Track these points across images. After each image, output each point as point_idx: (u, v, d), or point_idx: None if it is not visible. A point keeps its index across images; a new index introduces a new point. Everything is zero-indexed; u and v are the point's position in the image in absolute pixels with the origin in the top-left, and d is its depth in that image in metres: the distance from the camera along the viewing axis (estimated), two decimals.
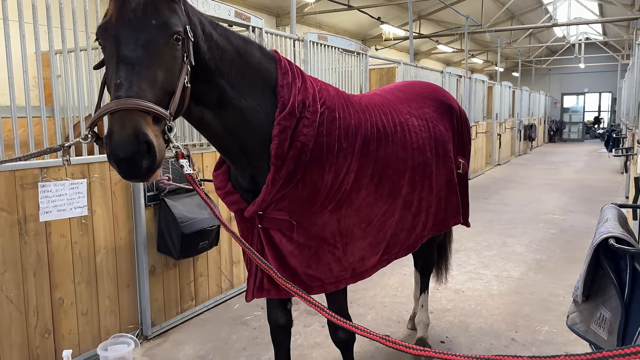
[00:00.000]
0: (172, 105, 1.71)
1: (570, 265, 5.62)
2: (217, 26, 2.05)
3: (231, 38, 2.08)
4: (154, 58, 1.67)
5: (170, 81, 1.73)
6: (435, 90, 3.28)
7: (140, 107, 1.57)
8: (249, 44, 2.17)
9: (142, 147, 1.55)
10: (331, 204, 2.29)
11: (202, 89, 1.96)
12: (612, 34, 25.58)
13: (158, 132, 1.64)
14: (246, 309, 4.51)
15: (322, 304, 1.40)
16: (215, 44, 1.98)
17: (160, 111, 1.63)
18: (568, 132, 31.25)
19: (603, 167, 15.26)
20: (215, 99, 2.03)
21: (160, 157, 1.62)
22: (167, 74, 1.71)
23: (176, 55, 1.75)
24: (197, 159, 4.37)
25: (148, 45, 1.67)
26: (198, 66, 1.89)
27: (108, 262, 3.68)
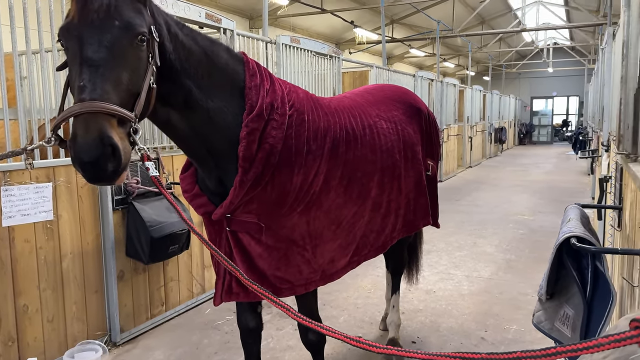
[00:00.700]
0: (137, 107, 1.69)
1: (538, 265, 5.74)
2: (183, 27, 2.04)
3: (198, 39, 2.06)
4: (118, 59, 1.65)
5: (135, 82, 1.71)
6: (404, 94, 3.32)
7: (105, 110, 1.55)
8: (216, 45, 2.16)
9: (106, 150, 1.53)
10: (300, 206, 2.29)
11: (168, 89, 1.94)
12: (578, 39, 26.31)
13: (123, 134, 1.62)
14: (218, 314, 4.46)
15: (290, 307, 1.39)
16: (182, 45, 1.97)
17: (125, 113, 1.61)
18: (537, 134, 31.98)
19: (571, 168, 15.66)
20: (182, 100, 2.01)
21: (126, 160, 1.61)
22: (131, 75, 1.69)
23: (141, 56, 1.73)
24: (167, 161, 4.31)
25: (112, 47, 1.64)
26: (164, 67, 1.88)
27: (75, 267, 3.59)
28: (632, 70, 2.52)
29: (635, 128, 2.43)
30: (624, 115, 2.59)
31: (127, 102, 1.66)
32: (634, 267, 2.06)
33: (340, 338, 1.21)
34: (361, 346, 1.17)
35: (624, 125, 2.61)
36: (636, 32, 2.50)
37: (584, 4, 18.19)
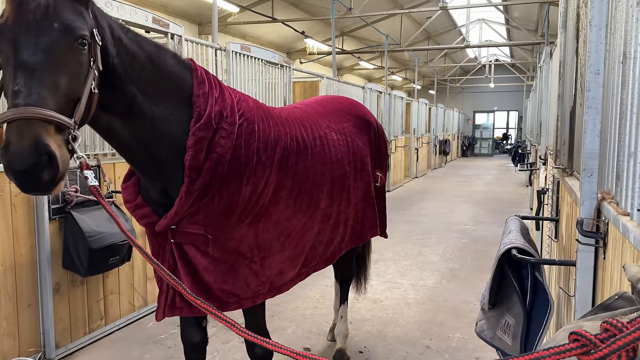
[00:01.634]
0: (77, 113, 1.62)
1: (480, 274, 5.92)
2: (127, 31, 1.97)
3: (143, 44, 2.00)
4: (56, 63, 1.58)
5: (75, 87, 1.64)
6: (354, 106, 3.35)
7: (40, 116, 1.47)
8: (162, 51, 2.09)
9: (42, 158, 1.46)
10: (249, 217, 2.25)
11: (110, 95, 1.86)
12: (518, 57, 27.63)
13: (61, 141, 1.55)
14: (161, 328, 4.31)
15: (235, 322, 1.35)
16: (125, 49, 1.90)
17: (63, 120, 1.54)
18: (479, 147, 33.23)
19: (510, 180, 16.34)
20: (125, 106, 1.94)
21: (64, 169, 1.53)
22: (71, 79, 1.62)
23: (81, 60, 1.66)
24: (109, 169, 4.15)
25: (49, 50, 1.57)
26: (106, 71, 1.80)
27: (7, 280, 3.38)
28: (568, 88, 2.65)
29: (570, 144, 2.55)
30: (560, 131, 2.72)
31: (65, 108, 1.59)
32: (570, 277, 2.16)
33: (286, 353, 1.19)
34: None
35: (560, 140, 2.73)
36: (572, 53, 2.63)
37: (523, 24, 19.14)
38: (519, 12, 19.60)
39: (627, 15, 1.42)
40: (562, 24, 2.76)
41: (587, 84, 1.75)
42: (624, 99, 1.41)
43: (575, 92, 2.51)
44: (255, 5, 14.99)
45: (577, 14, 2.57)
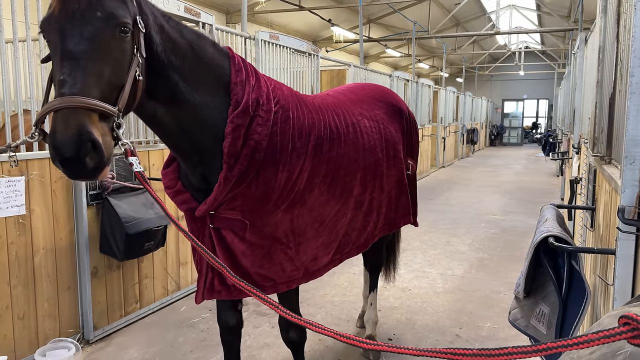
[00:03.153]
0: (121, 100, 1.66)
1: (510, 264, 5.86)
2: (169, 19, 2.00)
3: (184, 32, 2.03)
4: (100, 51, 1.61)
5: (119, 75, 1.67)
6: (385, 93, 3.34)
7: (84, 105, 1.52)
8: (201, 39, 2.12)
9: (86, 146, 1.50)
10: (284, 204, 2.28)
11: (155, 82, 1.90)
12: (549, 44, 26.92)
13: (106, 129, 1.59)
14: (193, 311, 4.42)
15: (277, 304, 1.39)
16: (168, 37, 1.93)
17: (106, 108, 1.58)
18: (508, 136, 32.63)
19: (540, 170, 16.04)
20: (168, 93, 1.98)
21: (108, 156, 1.58)
22: (114, 67, 1.66)
23: (124, 48, 1.69)
24: (143, 156, 4.24)
25: (93, 39, 1.60)
26: (150, 58, 1.85)
27: (47, 263, 3.50)
28: (608, 75, 2.59)
29: (609, 131, 2.50)
30: (598, 119, 2.67)
31: (109, 95, 1.63)
32: (609, 266, 2.13)
33: (331, 335, 1.21)
34: (354, 343, 1.17)
35: (598, 128, 2.68)
36: (611, 38, 2.57)
37: (555, 10, 18.63)
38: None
39: None
40: (602, 9, 2.69)
41: (631, 69, 1.71)
42: None
43: (615, 78, 2.45)
44: None
45: None
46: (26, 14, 3.32)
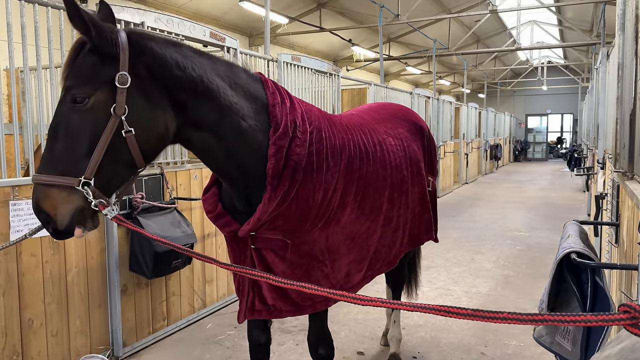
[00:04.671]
0: (88, 169, 1.76)
1: (536, 281, 5.79)
2: (201, 54, 2.08)
3: (217, 64, 2.11)
4: (61, 126, 1.80)
5: (82, 144, 1.78)
6: (406, 112, 3.41)
7: (39, 182, 1.76)
8: (234, 67, 2.20)
9: (41, 217, 1.77)
10: (321, 222, 2.32)
11: (197, 116, 2.00)
12: (572, 58, 26.69)
13: (64, 198, 1.76)
14: (219, 329, 4.48)
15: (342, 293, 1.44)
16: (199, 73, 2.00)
17: (60, 182, 1.75)
18: (532, 151, 32.24)
19: (566, 185, 15.79)
20: (215, 123, 2.06)
21: (63, 223, 1.78)
22: (77, 138, 1.78)
23: (83, 118, 1.78)
24: (171, 177, 4.37)
25: (57, 114, 1.82)
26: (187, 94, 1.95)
27: (79, 281, 3.62)
28: (628, 91, 2.61)
29: (631, 147, 2.51)
30: (620, 135, 2.68)
31: (74, 166, 1.77)
32: (632, 282, 2.12)
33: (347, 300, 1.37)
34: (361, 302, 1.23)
35: (620, 144, 2.69)
36: (631, 55, 2.59)
37: (577, 24, 18.52)
38: (572, 13, 18.98)
39: None
40: (620, 26, 2.72)
41: None
42: None
43: (635, 94, 2.47)
44: (304, 16, 15.26)
45: (636, 15, 2.53)
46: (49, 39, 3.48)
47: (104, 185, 1.83)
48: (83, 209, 1.79)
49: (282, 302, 2.31)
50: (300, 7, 15.11)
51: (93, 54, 1.80)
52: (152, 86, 1.89)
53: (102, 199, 1.80)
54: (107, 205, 1.81)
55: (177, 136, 2.04)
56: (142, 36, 1.94)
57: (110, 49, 1.80)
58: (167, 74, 1.92)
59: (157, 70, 1.90)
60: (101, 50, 1.80)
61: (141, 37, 1.93)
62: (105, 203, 1.81)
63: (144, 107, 1.87)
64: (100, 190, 1.80)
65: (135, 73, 1.85)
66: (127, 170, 1.92)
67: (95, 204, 1.78)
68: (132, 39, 1.87)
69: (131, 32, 1.91)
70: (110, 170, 1.82)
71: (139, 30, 2.05)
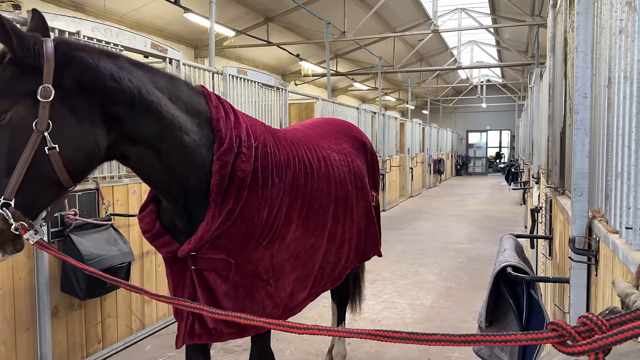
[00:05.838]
0: (9, 188, 1.66)
1: (477, 292, 5.94)
2: (140, 65, 1.99)
3: (156, 77, 2.02)
4: None
5: (2, 162, 1.68)
6: (350, 128, 3.43)
7: None
8: (175, 80, 2.12)
9: None
10: (266, 240, 2.26)
11: (136, 130, 1.91)
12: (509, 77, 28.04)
13: None
14: (159, 350, 4.30)
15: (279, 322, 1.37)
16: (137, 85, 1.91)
17: None
18: (473, 166, 33.49)
19: (504, 198, 16.43)
20: (155, 138, 1.96)
21: None
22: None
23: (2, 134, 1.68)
24: (107, 192, 4.18)
25: None
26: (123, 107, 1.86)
27: (5, 304, 3.37)
28: (558, 110, 2.74)
29: (562, 164, 2.62)
30: (551, 152, 2.79)
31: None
32: (565, 294, 2.20)
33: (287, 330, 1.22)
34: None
35: (552, 160, 2.80)
36: (560, 76, 2.72)
37: (513, 45, 19.50)
38: (509, 34, 19.97)
39: (610, 42, 1.50)
40: (550, 49, 2.86)
41: (576, 106, 1.82)
42: (610, 122, 1.48)
43: (564, 113, 2.58)
44: (251, 30, 15.23)
45: (564, 38, 2.66)
46: None
47: (28, 206, 1.70)
48: (2, 232, 1.66)
49: (223, 325, 2.22)
50: (247, 21, 15.07)
51: (13, 65, 1.68)
52: (81, 99, 1.78)
53: (24, 221, 1.66)
54: (29, 229, 1.68)
55: (111, 152, 1.94)
56: (71, 46, 1.83)
57: (32, 60, 1.69)
58: (99, 86, 1.82)
59: (87, 82, 1.79)
60: (23, 61, 1.68)
61: (70, 47, 1.81)
62: (27, 226, 1.67)
63: (70, 122, 1.75)
64: (24, 211, 1.68)
65: (61, 85, 1.73)
66: (53, 189, 1.79)
67: (16, 227, 1.65)
68: (60, 49, 1.76)
69: (60, 42, 1.79)
70: (33, 190, 1.70)
71: (69, 40, 1.94)
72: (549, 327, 0.88)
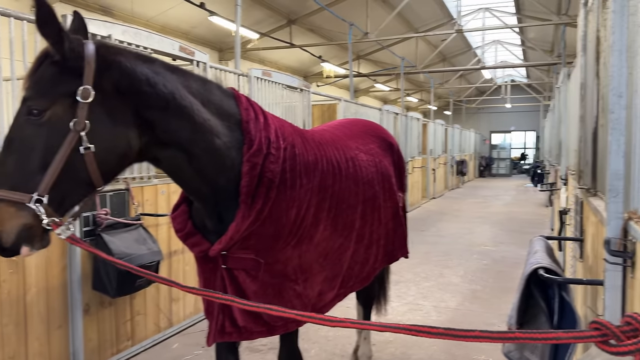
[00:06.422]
0: (42, 185, 1.68)
1: (502, 295, 5.88)
2: (174, 69, 2.03)
3: (190, 80, 2.05)
4: (13, 138, 1.71)
5: (34, 159, 1.69)
6: (377, 128, 3.43)
7: None
8: (208, 83, 2.16)
9: None
10: (294, 240, 2.28)
11: (169, 133, 1.95)
12: (534, 77, 27.61)
13: (11, 214, 1.66)
14: (186, 349, 4.36)
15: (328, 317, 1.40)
16: (170, 89, 1.95)
17: (10, 197, 1.65)
18: (497, 167, 33.03)
19: (529, 200, 16.19)
20: (187, 140, 2.00)
21: (10, 240, 1.67)
22: (29, 152, 1.69)
23: (38, 132, 1.70)
24: (137, 192, 4.26)
25: (12, 125, 1.72)
26: (156, 112, 1.90)
27: (39, 301, 3.47)
28: (590, 110, 2.70)
29: (594, 164, 2.58)
30: (583, 152, 2.75)
31: (25, 181, 1.67)
32: (598, 297, 2.17)
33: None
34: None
35: (583, 161, 2.76)
36: (592, 75, 2.68)
37: (539, 45, 19.20)
38: (534, 33, 19.69)
39: None
40: (581, 47, 2.82)
41: (611, 106, 1.80)
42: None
43: (597, 113, 2.55)
44: (274, 32, 15.34)
45: (596, 37, 2.63)
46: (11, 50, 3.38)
47: (59, 203, 1.74)
48: (31, 227, 1.68)
49: (253, 324, 2.25)
50: (270, 23, 15.19)
51: (56, 65, 1.73)
52: (117, 102, 1.83)
53: (55, 217, 1.70)
54: (60, 224, 1.71)
55: (143, 155, 1.98)
56: (110, 50, 1.87)
57: (75, 62, 1.74)
58: (135, 91, 1.86)
59: (124, 86, 1.84)
60: (66, 62, 1.73)
61: (109, 50, 1.86)
62: (58, 222, 1.71)
63: (106, 123, 1.80)
64: (55, 207, 1.72)
65: (100, 88, 1.78)
66: (84, 188, 1.83)
67: (48, 222, 1.68)
68: (100, 52, 1.80)
69: (100, 45, 1.84)
70: (65, 188, 1.74)
71: (108, 43, 1.98)
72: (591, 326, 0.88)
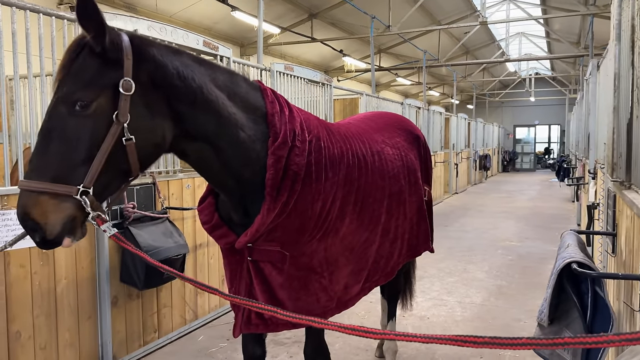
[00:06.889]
0: (88, 176, 1.68)
1: (529, 291, 5.79)
2: (201, 62, 2.03)
3: (217, 73, 2.06)
4: (56, 130, 1.68)
5: (81, 151, 1.69)
6: (403, 121, 3.40)
7: (28, 188, 1.64)
8: (234, 76, 2.16)
9: (27, 224, 1.65)
10: (319, 233, 2.28)
11: (196, 125, 1.95)
12: (559, 70, 27.06)
13: (55, 206, 1.65)
14: (211, 341, 4.41)
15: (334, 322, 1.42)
16: (199, 81, 1.96)
17: (53, 189, 1.63)
18: (520, 162, 32.50)
19: (554, 195, 15.91)
20: (213, 133, 2.01)
21: (53, 232, 1.65)
22: (75, 144, 1.68)
23: (85, 123, 1.69)
24: (163, 186, 4.31)
25: (51, 117, 1.70)
26: (185, 105, 1.91)
27: (69, 293, 3.54)
28: (624, 100, 2.62)
29: (628, 156, 2.51)
30: (617, 144, 2.68)
31: (69, 173, 1.67)
32: (634, 292, 2.11)
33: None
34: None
35: (617, 153, 2.69)
36: (627, 65, 2.60)
37: (564, 36, 18.79)
38: (559, 25, 19.26)
39: None
40: (615, 36, 2.74)
41: None
42: None
43: (632, 104, 2.47)
44: (295, 26, 15.32)
45: (631, 25, 2.55)
46: (41, 47, 3.44)
47: (100, 194, 1.76)
48: (75, 218, 1.69)
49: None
50: (292, 18, 15.18)
51: (95, 57, 1.72)
52: (153, 94, 1.84)
53: (100, 212, 1.70)
54: (106, 220, 1.72)
55: (171, 147, 1.99)
56: (144, 42, 1.88)
57: (114, 54, 1.74)
58: (167, 83, 1.88)
59: (158, 78, 1.85)
60: (106, 54, 1.73)
61: (143, 42, 1.87)
62: (104, 217, 1.71)
63: (145, 115, 1.81)
64: (97, 199, 1.73)
65: (138, 79, 1.79)
66: (122, 178, 1.85)
67: (93, 216, 1.69)
68: (135, 43, 1.81)
69: (133, 37, 1.85)
70: (107, 178, 1.75)
71: (140, 35, 1.99)
72: None
